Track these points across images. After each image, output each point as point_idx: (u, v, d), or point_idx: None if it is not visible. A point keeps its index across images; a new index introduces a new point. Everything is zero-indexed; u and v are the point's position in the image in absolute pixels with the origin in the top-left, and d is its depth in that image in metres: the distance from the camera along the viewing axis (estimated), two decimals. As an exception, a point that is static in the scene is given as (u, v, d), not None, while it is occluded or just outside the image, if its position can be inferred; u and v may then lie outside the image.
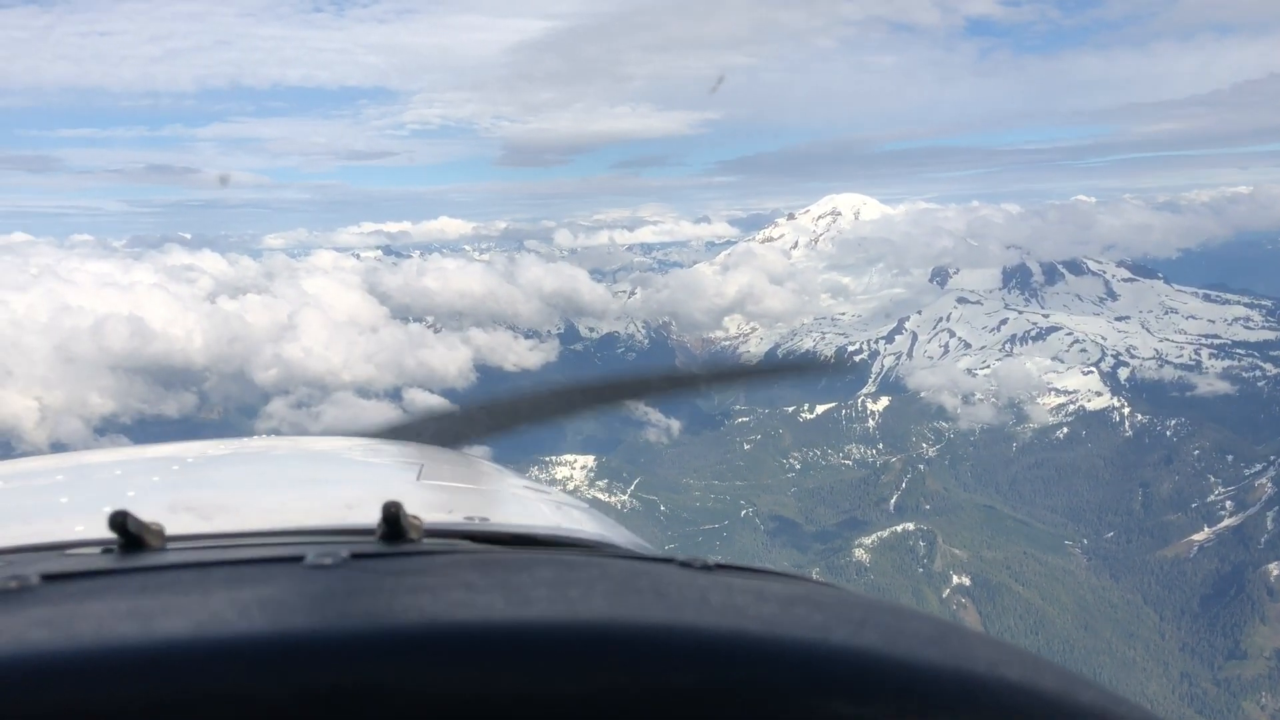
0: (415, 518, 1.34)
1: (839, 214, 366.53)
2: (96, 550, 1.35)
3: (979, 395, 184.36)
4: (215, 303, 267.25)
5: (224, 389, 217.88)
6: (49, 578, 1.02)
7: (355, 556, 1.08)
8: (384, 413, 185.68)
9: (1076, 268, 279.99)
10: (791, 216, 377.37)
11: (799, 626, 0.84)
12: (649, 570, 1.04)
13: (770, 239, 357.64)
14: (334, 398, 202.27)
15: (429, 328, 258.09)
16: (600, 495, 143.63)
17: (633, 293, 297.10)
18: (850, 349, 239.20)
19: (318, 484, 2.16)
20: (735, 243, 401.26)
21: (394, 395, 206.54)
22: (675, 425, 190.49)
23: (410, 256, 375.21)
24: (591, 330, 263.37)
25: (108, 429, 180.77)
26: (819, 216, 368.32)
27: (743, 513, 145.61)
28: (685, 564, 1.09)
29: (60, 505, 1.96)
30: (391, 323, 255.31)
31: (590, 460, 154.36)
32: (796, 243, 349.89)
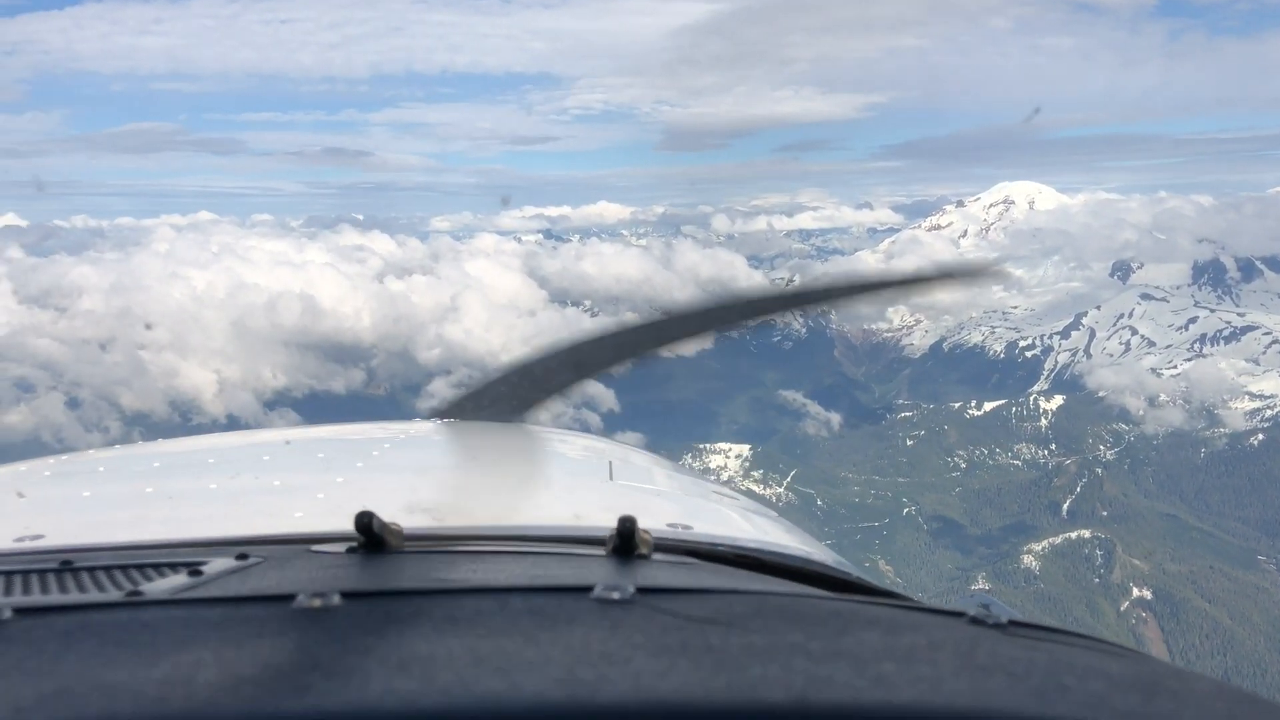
0: (646, 533, 1.32)
1: (1012, 202, 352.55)
2: (341, 549, 1.35)
3: (1164, 397, 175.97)
4: (383, 283, 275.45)
5: (390, 367, 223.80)
6: (350, 595, 0.98)
7: (641, 591, 1.02)
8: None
9: (1277, 264, 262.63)
10: (961, 204, 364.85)
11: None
12: (972, 635, 0.91)
13: (938, 227, 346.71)
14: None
15: (586, 312, 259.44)
16: (755, 486, 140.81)
17: (791, 280, 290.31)
18: (1022, 344, 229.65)
19: (528, 481, 2.12)
20: (899, 230, 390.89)
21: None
22: (834, 418, 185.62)
23: (570, 240, 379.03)
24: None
25: (279, 403, 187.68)
26: (990, 205, 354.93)
27: (904, 511, 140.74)
28: (978, 620, 0.96)
29: (274, 488, 1.99)
30: (550, 306, 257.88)
31: (745, 449, 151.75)
32: (966, 231, 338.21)
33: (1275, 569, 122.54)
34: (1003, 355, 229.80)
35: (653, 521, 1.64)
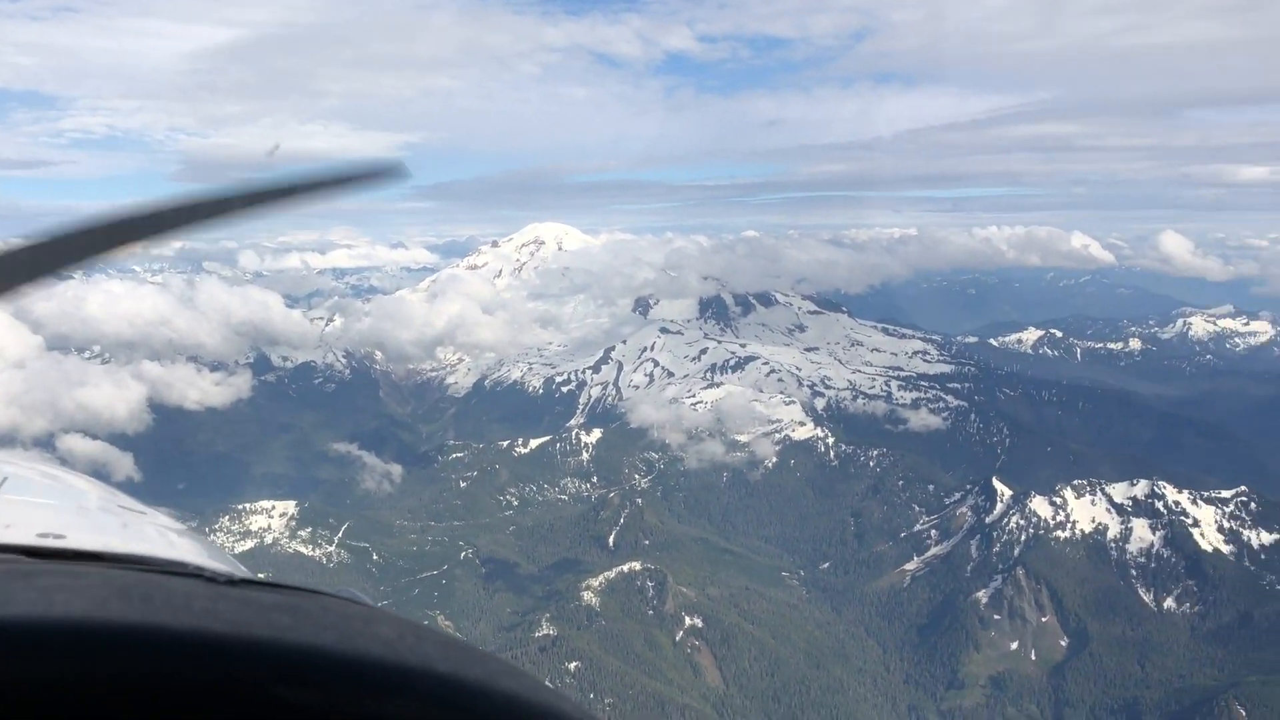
0: None
1: (542, 242, 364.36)
2: None
3: (686, 423, 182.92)
4: None
5: None
6: None
7: None
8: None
9: (767, 299, 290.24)
10: (495, 244, 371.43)
11: (266, 628, 0.99)
12: (161, 583, 1.11)
13: (475, 266, 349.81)
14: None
15: (94, 359, 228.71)
16: (303, 548, 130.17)
17: (331, 319, 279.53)
18: (558, 380, 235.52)
19: None
20: (434, 269, 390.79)
21: (46, 443, 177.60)
22: (384, 464, 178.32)
23: (70, 277, 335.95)
24: (286, 360, 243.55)
25: None
26: (522, 245, 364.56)
27: (463, 555, 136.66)
28: (211, 578, 1.18)
29: None
30: (47, 355, 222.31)
31: (290, 507, 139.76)
32: (501, 271, 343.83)
33: (798, 584, 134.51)
34: (541, 391, 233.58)
35: (21, 531, 1.74)
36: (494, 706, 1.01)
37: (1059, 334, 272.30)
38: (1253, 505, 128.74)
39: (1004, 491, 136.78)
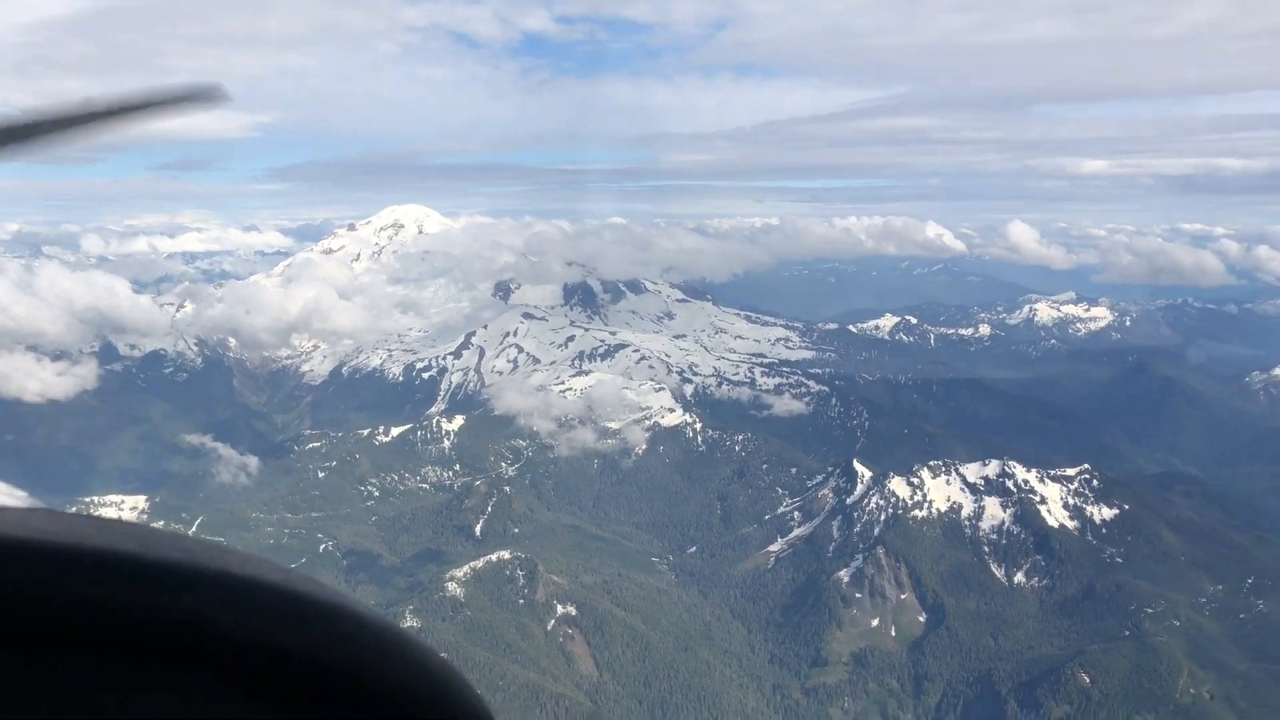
0: None
1: (401, 226, 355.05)
2: None
3: (555, 411, 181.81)
4: None
5: None
6: None
7: None
8: None
9: (636, 286, 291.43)
10: (352, 227, 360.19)
11: (72, 537, 1.10)
12: None
13: (331, 250, 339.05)
14: None
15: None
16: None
17: (181, 306, 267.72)
18: (419, 366, 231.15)
19: None
20: (289, 253, 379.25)
21: None
22: (236, 454, 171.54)
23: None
24: (134, 348, 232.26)
25: None
26: (381, 228, 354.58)
27: (322, 547, 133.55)
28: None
29: None
30: None
31: (140, 501, 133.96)
32: (359, 255, 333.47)
33: (668, 569, 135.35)
34: (401, 378, 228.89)
35: None
36: (286, 602, 1.11)
37: (914, 320, 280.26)
38: (1094, 483, 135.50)
39: (864, 473, 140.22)
